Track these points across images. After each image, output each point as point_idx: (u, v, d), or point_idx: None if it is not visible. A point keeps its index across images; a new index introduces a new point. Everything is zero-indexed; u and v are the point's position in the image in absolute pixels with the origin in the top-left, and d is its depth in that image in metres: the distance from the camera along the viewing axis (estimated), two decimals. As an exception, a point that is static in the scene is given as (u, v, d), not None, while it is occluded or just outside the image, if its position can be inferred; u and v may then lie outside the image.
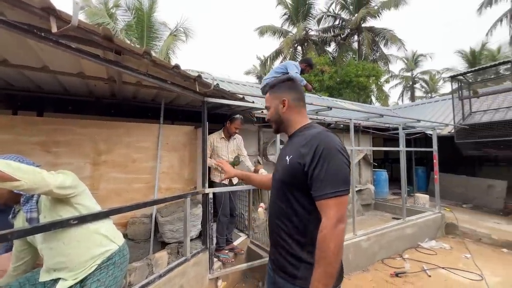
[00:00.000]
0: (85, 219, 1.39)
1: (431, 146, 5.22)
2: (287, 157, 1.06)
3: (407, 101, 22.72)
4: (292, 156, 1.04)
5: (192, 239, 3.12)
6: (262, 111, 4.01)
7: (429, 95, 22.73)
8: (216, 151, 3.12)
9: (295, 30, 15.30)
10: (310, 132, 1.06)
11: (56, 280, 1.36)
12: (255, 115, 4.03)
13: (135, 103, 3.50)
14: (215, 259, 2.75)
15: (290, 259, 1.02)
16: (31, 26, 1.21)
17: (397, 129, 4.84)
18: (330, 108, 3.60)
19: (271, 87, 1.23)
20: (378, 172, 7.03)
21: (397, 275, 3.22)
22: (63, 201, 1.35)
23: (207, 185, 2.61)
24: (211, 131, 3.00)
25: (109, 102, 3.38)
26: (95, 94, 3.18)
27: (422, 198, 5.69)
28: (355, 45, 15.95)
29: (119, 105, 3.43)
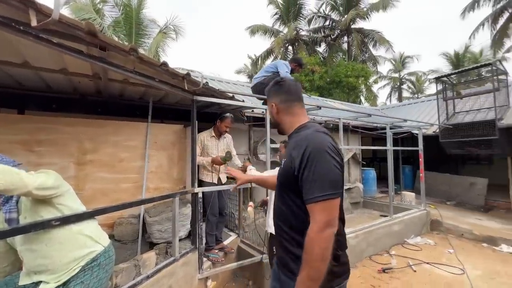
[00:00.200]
0: (68, 220, 1.35)
1: (417, 145, 5.37)
2: (283, 160, 1.10)
3: (395, 102, 23.28)
4: (285, 159, 1.07)
5: (181, 239, 3.09)
6: (253, 110, 4.01)
7: (415, 95, 23.36)
8: (206, 150, 3.09)
9: (286, 30, 15.37)
10: (301, 134, 1.08)
11: (37, 284, 1.32)
12: (246, 114, 4.03)
13: (122, 101, 3.42)
14: (204, 259, 2.73)
15: (292, 257, 1.03)
16: (9, 19, 1.16)
17: (385, 128, 4.95)
18: (319, 108, 3.64)
19: (266, 93, 1.28)
20: (366, 170, 7.17)
21: (384, 271, 3.30)
22: (45, 201, 1.31)
23: (196, 184, 2.58)
24: (200, 130, 2.98)
25: (95, 100, 3.28)
26: (80, 91, 3.08)
27: (409, 196, 5.86)
28: (345, 45, 16.15)
29: (106, 103, 3.35)
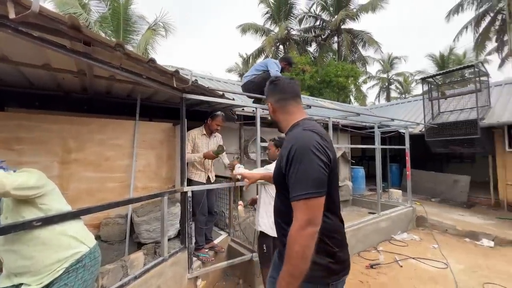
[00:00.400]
0: (50, 221, 1.30)
1: (404, 144, 5.51)
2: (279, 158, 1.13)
3: (383, 101, 23.78)
4: (279, 157, 1.11)
5: (170, 239, 3.04)
6: (243, 109, 4.00)
7: (403, 96, 23.94)
8: (197, 148, 3.06)
9: (277, 29, 15.38)
10: (292, 132, 1.11)
11: (18, 286, 1.27)
12: (236, 113, 4.00)
13: (109, 98, 3.33)
14: (194, 258, 2.70)
15: None
16: (-16, 11, 1.10)
17: (373, 127, 5.05)
18: (309, 107, 3.68)
19: (265, 93, 1.30)
20: (355, 169, 7.30)
21: (372, 266, 3.38)
22: (27, 201, 1.27)
23: (185, 183, 2.55)
24: (190, 129, 2.94)
25: (80, 97, 3.18)
26: (64, 88, 2.98)
27: (396, 193, 6.01)
28: (335, 46, 16.35)
29: (92, 100, 3.25)
